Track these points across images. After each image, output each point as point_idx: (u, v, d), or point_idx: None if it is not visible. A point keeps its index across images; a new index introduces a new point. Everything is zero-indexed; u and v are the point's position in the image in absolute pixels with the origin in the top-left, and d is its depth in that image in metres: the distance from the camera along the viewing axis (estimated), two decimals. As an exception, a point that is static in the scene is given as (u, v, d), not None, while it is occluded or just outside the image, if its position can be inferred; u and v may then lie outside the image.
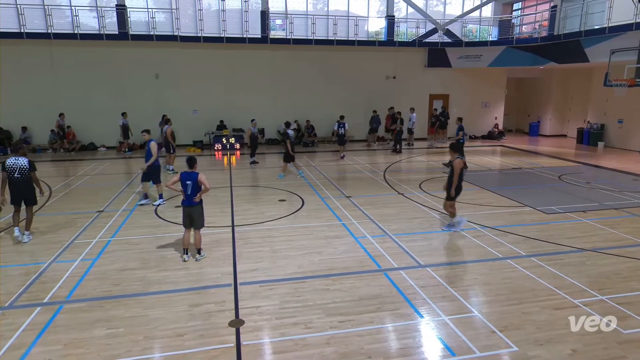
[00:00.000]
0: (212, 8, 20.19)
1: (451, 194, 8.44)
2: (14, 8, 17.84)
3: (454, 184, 8.34)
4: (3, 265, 7.14)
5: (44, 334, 5.15)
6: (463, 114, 23.22)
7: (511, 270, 6.90)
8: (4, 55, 18.05)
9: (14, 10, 17.83)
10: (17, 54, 18.13)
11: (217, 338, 5.10)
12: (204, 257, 7.36)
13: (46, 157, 17.58)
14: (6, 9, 17.79)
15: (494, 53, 21.19)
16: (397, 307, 5.79)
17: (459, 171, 8.27)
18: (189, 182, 7.06)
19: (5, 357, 4.72)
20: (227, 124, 20.31)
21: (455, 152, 8.51)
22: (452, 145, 8.71)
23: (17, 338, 5.05)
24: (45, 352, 4.81)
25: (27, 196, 8.18)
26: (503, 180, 14.22)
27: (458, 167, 8.26)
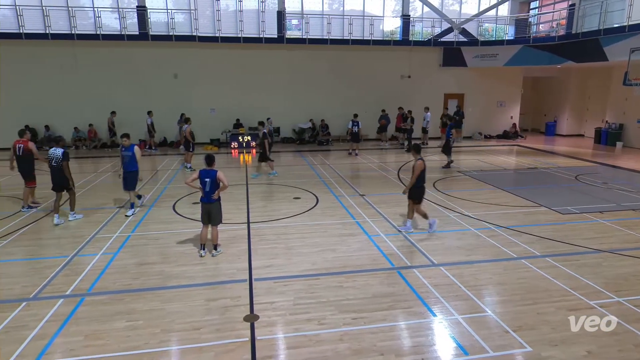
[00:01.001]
0: (229, 9, 20.32)
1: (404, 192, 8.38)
2: (39, 10, 18.25)
3: (409, 185, 8.29)
4: (28, 258, 7.32)
5: (67, 325, 5.26)
6: (478, 113, 23.11)
7: (526, 270, 6.79)
8: (30, 56, 18.51)
9: (40, 12, 18.23)
10: (42, 54, 18.57)
11: (232, 332, 5.14)
12: (220, 253, 7.42)
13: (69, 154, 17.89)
14: (32, 11, 18.21)
15: (510, 52, 20.84)
16: (410, 305, 5.76)
17: (418, 173, 8.18)
18: (207, 180, 7.13)
19: (30, 346, 4.85)
20: (243, 123, 20.44)
21: (417, 153, 8.39)
22: (415, 146, 8.65)
23: (41, 329, 5.18)
24: (67, 343, 4.93)
25: (62, 182, 9.11)
26: (518, 180, 13.99)
27: (418, 169, 8.17)
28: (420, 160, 8.22)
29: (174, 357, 4.75)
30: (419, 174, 8.17)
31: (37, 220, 9.23)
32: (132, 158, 9.60)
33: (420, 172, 8.16)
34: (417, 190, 8.33)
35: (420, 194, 8.40)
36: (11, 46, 18.19)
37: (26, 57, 18.50)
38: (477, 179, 13.27)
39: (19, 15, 18.01)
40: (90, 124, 19.24)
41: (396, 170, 14.58)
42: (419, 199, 8.41)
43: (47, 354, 4.73)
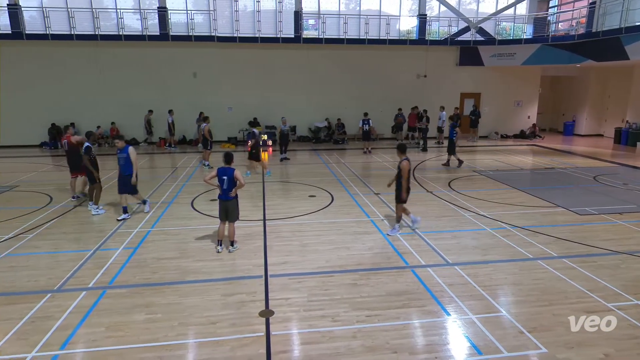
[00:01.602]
0: (247, 9, 20.43)
1: (402, 198, 8.15)
2: (65, 11, 18.66)
3: (404, 188, 8.05)
4: (53, 251, 7.51)
5: (89, 317, 5.39)
6: (495, 112, 22.75)
7: (542, 271, 6.67)
8: (57, 56, 18.96)
9: (65, 13, 18.64)
10: (67, 54, 19.00)
11: (248, 327, 5.19)
12: (236, 249, 7.49)
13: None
14: (58, 12, 18.63)
15: (528, 51, 20.44)
16: (424, 304, 5.72)
17: (407, 174, 8.02)
18: (225, 177, 7.19)
19: (54, 336, 4.98)
20: (260, 121, 20.55)
21: (403, 153, 8.21)
22: (399, 145, 8.41)
23: (65, 319, 5.31)
24: (89, 334, 5.04)
25: (87, 175, 9.76)
26: (535, 180, 13.73)
27: (406, 169, 8.02)
28: (406, 160, 8.06)
29: (191, 350, 4.82)
30: (407, 174, 8.04)
31: (62, 215, 9.46)
32: (127, 160, 9.00)
33: (408, 172, 8.05)
34: (401, 190, 8.15)
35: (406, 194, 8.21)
36: (38, 47, 18.68)
37: (52, 58, 18.96)
38: (493, 178, 13.08)
39: (46, 16, 18.45)
40: (112, 122, 19.61)
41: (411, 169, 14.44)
42: (404, 199, 8.25)
43: (70, 344, 4.85)
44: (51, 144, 19.11)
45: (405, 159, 8.08)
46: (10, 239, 8.01)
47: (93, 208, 9.58)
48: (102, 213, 9.54)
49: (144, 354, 4.67)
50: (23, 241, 7.93)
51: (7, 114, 19.11)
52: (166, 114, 18.89)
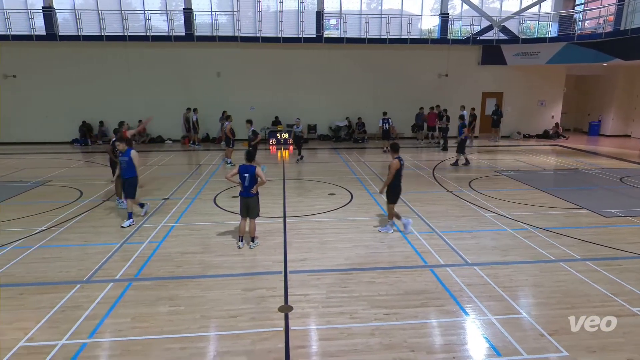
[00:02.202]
0: (270, 9, 20.54)
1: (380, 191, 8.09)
2: (95, 13, 19.17)
3: (385, 184, 8.02)
4: (83, 244, 7.75)
5: (115, 308, 5.53)
6: (517, 112, 22.22)
7: (564, 274, 6.49)
8: (87, 57, 19.49)
9: (96, 15, 19.14)
10: (98, 55, 19.52)
11: (267, 321, 5.23)
12: (257, 245, 7.56)
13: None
14: (89, 15, 19.15)
15: (553, 50, 19.88)
16: (443, 303, 5.65)
17: (393, 172, 7.90)
18: (246, 175, 7.26)
19: (83, 325, 5.13)
20: (281, 120, 20.66)
21: (395, 152, 8.09)
22: (392, 145, 8.29)
23: (93, 310, 5.47)
24: (115, 324, 5.18)
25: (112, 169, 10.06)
26: (558, 180, 13.37)
27: (393, 168, 7.89)
28: (397, 159, 7.95)
29: (212, 343, 4.89)
30: (394, 173, 7.92)
31: (91, 209, 9.74)
32: (129, 163, 8.59)
33: (395, 171, 7.91)
34: (392, 190, 8.06)
35: (394, 193, 8.11)
36: (70, 48, 19.25)
37: (83, 58, 19.50)
38: (514, 179, 12.79)
39: (78, 18, 19.00)
40: (139, 120, 20.01)
41: (431, 168, 14.29)
42: (392, 198, 8.13)
43: (98, 333, 4.99)
44: (82, 141, 19.69)
45: (397, 158, 7.98)
46: (43, 231, 8.29)
47: (119, 202, 9.82)
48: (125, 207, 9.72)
49: (168, 345, 4.77)
50: (55, 233, 8.20)
51: (40, 112, 19.79)
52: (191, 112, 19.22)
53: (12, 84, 19.44)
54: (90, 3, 19.56)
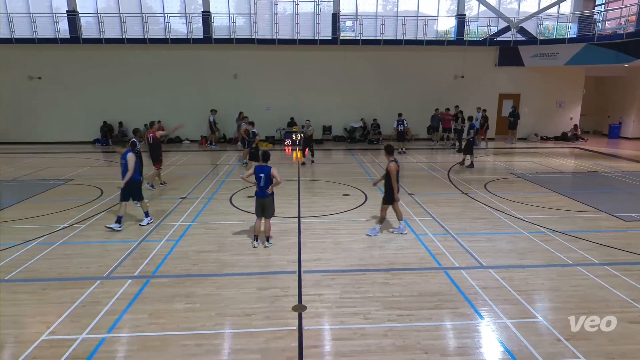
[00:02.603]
0: (287, 12, 20.63)
1: (395, 198, 7.91)
2: (117, 17, 19.55)
3: (394, 188, 7.85)
4: (103, 241, 7.90)
5: (134, 304, 5.63)
6: (535, 114, 21.82)
7: (582, 278, 6.35)
8: (109, 59, 19.90)
9: (118, 18, 19.52)
10: (119, 57, 19.90)
11: (281, 320, 5.25)
12: (272, 245, 7.59)
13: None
14: (111, 18, 19.55)
15: (572, 51, 19.45)
16: (457, 306, 5.58)
17: (395, 174, 7.81)
18: (262, 175, 7.30)
19: (102, 320, 5.24)
20: (297, 121, 20.72)
21: (390, 154, 7.99)
22: (386, 147, 8.15)
23: (112, 305, 5.58)
24: (133, 319, 5.27)
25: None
26: (577, 183, 13.07)
27: (393, 171, 7.79)
28: (393, 162, 7.88)
29: (227, 340, 4.93)
30: (396, 174, 7.86)
31: (111, 207, 9.92)
32: (127, 167, 8.35)
33: (396, 174, 7.87)
34: (391, 191, 7.97)
35: (392, 196, 8.03)
36: (93, 50, 19.67)
37: (105, 60, 19.92)
38: (531, 181, 12.56)
39: (100, 22, 19.40)
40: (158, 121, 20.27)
41: (446, 170, 14.13)
42: (386, 200, 8.08)
43: (116, 328, 5.08)
44: (103, 141, 20.09)
45: (393, 160, 7.93)
46: (65, 228, 8.49)
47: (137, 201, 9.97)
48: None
49: (184, 341, 4.83)
50: (77, 230, 8.39)
51: (63, 112, 20.28)
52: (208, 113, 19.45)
53: (37, 85, 19.98)
54: (112, 7, 19.96)
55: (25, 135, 20.36)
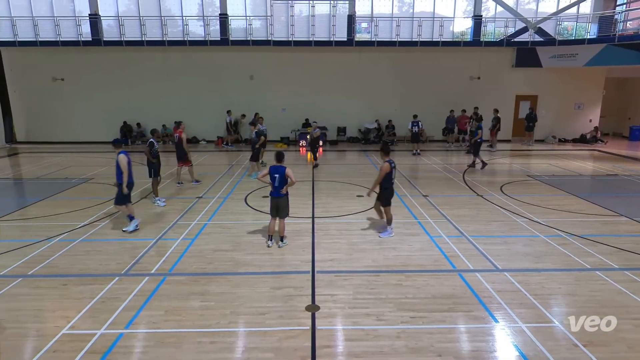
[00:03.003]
0: (302, 14, 20.68)
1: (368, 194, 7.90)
2: (137, 20, 19.90)
3: (372, 186, 7.91)
4: (121, 239, 8.04)
5: (150, 300, 5.71)
6: (553, 115, 21.41)
7: (600, 283, 6.20)
8: (129, 61, 20.26)
9: (137, 21, 19.87)
10: (139, 59, 20.25)
11: (294, 320, 5.26)
12: (286, 245, 7.61)
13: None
14: (131, 21, 19.90)
15: (592, 51, 19.00)
16: (471, 309, 5.50)
17: (382, 175, 7.77)
18: (276, 175, 7.33)
19: (120, 316, 5.33)
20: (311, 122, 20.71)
21: (386, 155, 7.95)
22: (382, 148, 8.13)
23: (130, 302, 5.67)
24: (150, 316, 5.35)
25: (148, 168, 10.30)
26: (595, 186, 12.77)
27: (383, 171, 7.76)
28: (387, 162, 7.81)
29: (241, 338, 4.96)
30: (384, 176, 7.80)
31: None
32: (118, 168, 8.14)
33: (385, 174, 7.79)
34: (384, 193, 7.96)
35: (387, 196, 7.98)
36: (114, 52, 20.06)
37: (125, 62, 20.29)
38: (548, 184, 12.32)
39: (121, 25, 19.77)
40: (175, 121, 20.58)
41: (461, 172, 13.97)
42: (386, 201, 8.01)
43: (134, 324, 5.17)
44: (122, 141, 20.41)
45: (387, 161, 7.87)
46: (85, 226, 8.67)
47: (156, 200, 10.14)
48: (162, 205, 10.06)
49: (199, 339, 4.88)
50: (96, 228, 8.56)
51: (85, 112, 20.73)
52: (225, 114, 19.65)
53: (60, 86, 20.47)
54: (133, 10, 20.31)
55: (48, 135, 20.89)
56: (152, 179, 10.26)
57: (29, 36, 19.64)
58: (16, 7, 19.98)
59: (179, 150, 11.88)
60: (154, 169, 10.13)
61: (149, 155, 10.09)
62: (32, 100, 20.73)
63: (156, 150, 10.22)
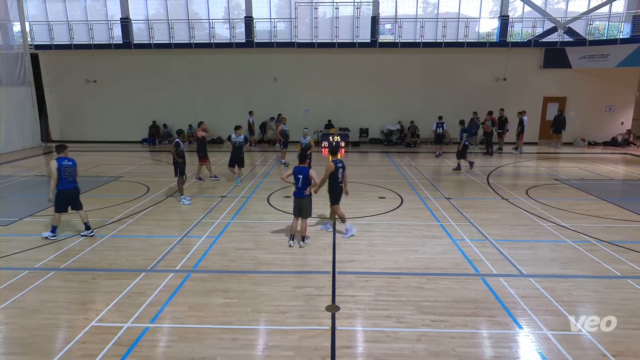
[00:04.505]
0: (326, 16, 20.71)
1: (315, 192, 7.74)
2: (166, 23, 20.37)
3: (319, 185, 7.77)
4: (148, 235, 8.23)
5: (175, 296, 5.82)
6: (582, 117, 20.71)
7: (631, 291, 5.94)
8: (158, 63, 20.77)
9: (166, 25, 20.34)
10: (167, 61, 20.74)
11: (314, 320, 5.26)
12: (307, 245, 7.63)
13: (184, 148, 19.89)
14: (160, 24, 20.40)
15: (625, 52, 18.28)
16: (494, 314, 5.37)
17: (327, 174, 7.76)
18: (300, 176, 7.37)
19: (146, 310, 5.45)
20: (334, 123, 20.73)
21: (333, 155, 8.27)
22: (330, 148, 8.29)
23: (155, 297, 5.79)
24: (174, 311, 5.45)
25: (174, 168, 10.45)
26: (627, 191, 12.27)
27: (328, 170, 7.76)
28: (333, 162, 7.84)
29: (262, 336, 5.00)
30: (329, 175, 7.81)
31: (156, 204, 10.33)
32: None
33: (330, 173, 7.79)
34: (331, 191, 8.00)
35: (333, 195, 8.00)
36: (143, 55, 20.61)
37: (154, 64, 20.82)
38: (577, 188, 11.92)
39: (150, 28, 20.30)
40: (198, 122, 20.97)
41: (485, 175, 13.67)
42: (334, 200, 8.03)
43: (159, 319, 5.28)
44: (150, 141, 20.98)
45: (334, 161, 7.91)
46: (114, 223, 8.93)
47: (181, 198, 10.34)
48: (188, 203, 10.24)
49: (221, 335, 4.94)
50: (124, 225, 8.80)
51: (115, 113, 21.39)
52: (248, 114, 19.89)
53: (92, 88, 21.18)
54: (162, 13, 20.82)
55: (81, 135, 21.64)
56: (178, 177, 10.46)
57: (65, 39, 20.41)
58: (52, 12, 20.81)
59: (198, 149, 12.48)
60: (179, 168, 10.33)
61: (175, 154, 10.29)
62: (66, 101, 21.52)
63: (182, 150, 10.41)
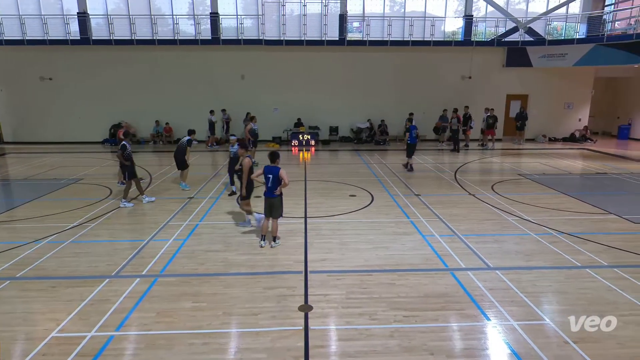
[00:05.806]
0: (294, 13, 20.66)
1: (243, 194, 8.20)
2: (127, 18, 19.72)
3: (243, 183, 8.12)
4: (112, 240, 7.96)
5: (141, 302, 5.66)
6: (543, 114, 21.65)
7: (590, 280, 6.28)
8: (118, 60, 20.06)
9: (127, 20, 19.69)
10: (128, 58, 20.06)
11: (287, 320, 5.25)
12: (278, 245, 7.60)
13: (148, 148, 19.34)
14: (120, 19, 19.72)
15: (581, 51, 19.25)
16: (463, 307, 5.54)
17: (247, 170, 8.02)
18: (270, 176, 7.31)
19: (111, 318, 5.27)
20: (304, 122, 20.72)
21: (245, 150, 8.62)
22: (240, 143, 8.72)
23: (120, 304, 5.61)
24: (141, 318, 5.30)
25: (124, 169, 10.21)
26: (585, 185, 12.93)
27: (247, 166, 8.03)
28: (248, 157, 8.14)
29: (233, 339, 4.94)
30: (250, 171, 8.03)
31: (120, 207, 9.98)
32: None
33: (250, 169, 8.05)
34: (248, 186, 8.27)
35: (249, 190, 8.32)
36: (103, 51, 19.84)
37: (114, 61, 20.08)
38: (539, 182, 12.46)
39: (110, 23, 19.58)
40: (166, 123, 20.50)
41: (452, 171, 14.06)
42: (247, 194, 8.34)
43: (125, 326, 5.12)
44: (112, 141, 20.24)
45: (248, 156, 8.19)
46: (74, 227, 8.57)
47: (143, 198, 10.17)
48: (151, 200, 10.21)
49: (191, 340, 4.85)
50: (86, 229, 8.47)
51: (74, 112, 20.49)
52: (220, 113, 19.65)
53: (48, 86, 20.21)
54: (122, 8, 20.12)
55: (36, 135, 20.61)
56: (127, 181, 10.12)
57: (16, 35, 19.33)
58: (2, 6, 19.66)
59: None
60: (128, 172, 10.02)
61: (122, 158, 9.96)
62: (20, 100, 20.43)
63: (129, 154, 10.02)
